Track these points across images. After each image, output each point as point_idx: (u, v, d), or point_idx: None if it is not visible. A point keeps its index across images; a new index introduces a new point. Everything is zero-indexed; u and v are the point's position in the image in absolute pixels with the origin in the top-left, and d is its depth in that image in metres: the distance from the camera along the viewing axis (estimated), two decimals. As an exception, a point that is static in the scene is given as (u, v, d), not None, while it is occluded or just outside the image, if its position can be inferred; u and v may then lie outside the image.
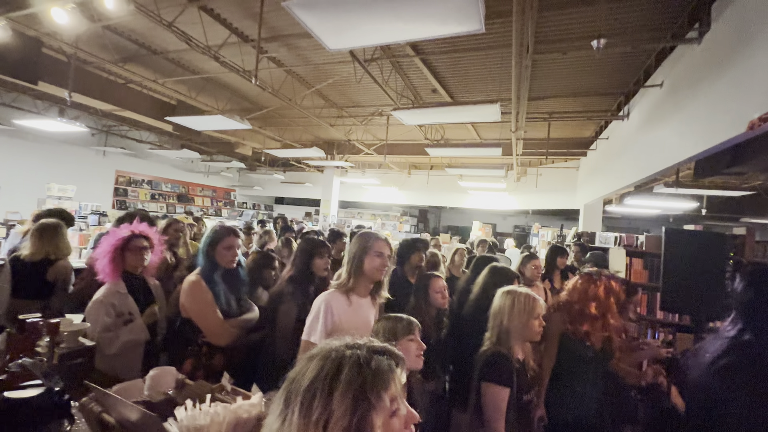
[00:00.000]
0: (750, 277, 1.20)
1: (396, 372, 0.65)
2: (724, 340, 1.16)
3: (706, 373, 1.15)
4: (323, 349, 0.66)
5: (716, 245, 1.91)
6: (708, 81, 3.01)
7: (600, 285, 1.85)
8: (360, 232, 1.64)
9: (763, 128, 2.35)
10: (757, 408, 1.04)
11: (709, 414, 1.14)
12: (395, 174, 10.94)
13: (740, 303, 1.19)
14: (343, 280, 1.53)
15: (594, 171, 6.93)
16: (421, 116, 4.04)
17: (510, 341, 1.49)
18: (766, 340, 1.10)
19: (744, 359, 1.10)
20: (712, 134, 2.87)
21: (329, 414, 0.58)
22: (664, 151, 3.76)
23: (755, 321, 1.13)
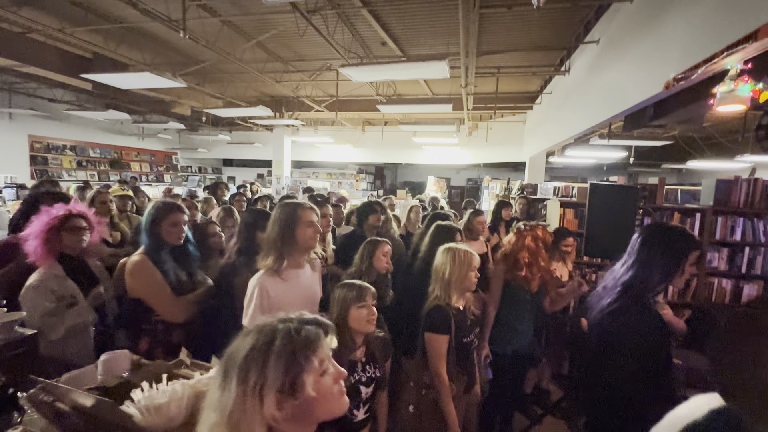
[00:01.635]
0: (644, 233, 1.43)
1: (324, 338, 0.73)
2: (617, 284, 1.39)
3: (601, 313, 1.39)
4: (257, 326, 0.73)
5: (629, 196, 2.18)
6: (636, 40, 3.18)
7: (529, 235, 2.10)
8: (283, 203, 1.58)
9: (677, 88, 2.59)
10: (642, 348, 1.30)
11: (603, 345, 1.39)
12: (349, 131, 10.68)
13: (632, 253, 1.41)
14: (270, 263, 1.48)
15: (539, 124, 7.26)
16: (371, 73, 3.92)
17: (450, 293, 1.66)
18: (649, 287, 1.34)
19: (631, 305, 1.34)
20: (637, 92, 3.10)
21: (264, 379, 0.65)
22: (599, 106, 4.01)
23: (644, 272, 1.36)
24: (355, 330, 1.42)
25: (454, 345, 1.60)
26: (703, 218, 3.04)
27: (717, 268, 3.08)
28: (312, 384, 0.69)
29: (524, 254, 2.12)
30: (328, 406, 0.72)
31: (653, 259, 1.35)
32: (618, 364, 1.34)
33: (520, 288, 2.21)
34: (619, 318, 1.33)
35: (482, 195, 10.03)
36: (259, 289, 1.45)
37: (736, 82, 1.85)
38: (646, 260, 1.36)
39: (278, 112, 8.50)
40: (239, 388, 0.65)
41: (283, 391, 0.66)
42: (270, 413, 0.65)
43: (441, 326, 1.59)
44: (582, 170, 13.50)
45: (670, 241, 1.37)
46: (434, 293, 1.70)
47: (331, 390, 0.72)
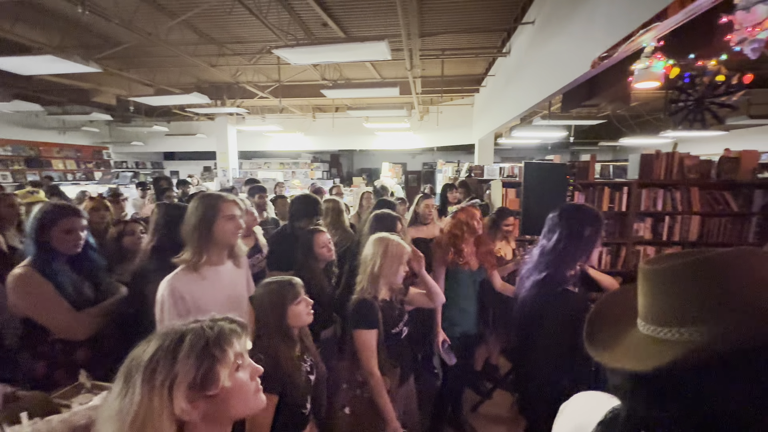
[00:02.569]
0: (561, 213, 1.47)
1: (239, 334, 0.72)
2: (539, 263, 1.43)
3: (528, 291, 1.42)
4: (163, 329, 0.69)
5: (558, 174, 2.25)
6: (566, 20, 3.25)
7: (463, 217, 2.11)
8: (201, 195, 1.47)
9: (602, 66, 2.68)
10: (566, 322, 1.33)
11: (530, 322, 1.43)
12: (299, 119, 10.29)
13: (551, 232, 1.45)
14: (188, 256, 1.37)
15: (485, 107, 7.40)
16: (308, 55, 3.71)
17: (378, 287, 1.60)
18: (571, 261, 1.39)
19: (554, 283, 1.38)
20: (568, 71, 3.19)
21: (174, 375, 0.62)
22: (537, 86, 4.12)
23: (564, 250, 1.40)
24: (294, 326, 1.36)
25: (383, 338, 1.55)
26: (630, 191, 3.24)
27: (642, 236, 3.32)
28: (227, 377, 0.66)
29: (461, 236, 2.15)
30: (244, 402, 0.69)
31: (576, 235, 1.39)
32: (545, 340, 1.37)
33: (460, 270, 2.23)
34: (545, 295, 1.36)
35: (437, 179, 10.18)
36: (170, 290, 1.31)
37: (650, 59, 1.93)
38: (569, 236, 1.40)
39: (218, 99, 7.95)
40: (145, 387, 0.61)
41: (195, 386, 0.63)
42: (180, 408, 0.61)
43: (369, 321, 1.54)
44: (529, 150, 14.11)
45: (586, 219, 1.43)
46: (361, 286, 1.63)
47: (246, 385, 0.70)
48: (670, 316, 0.48)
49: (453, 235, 2.19)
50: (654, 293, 0.50)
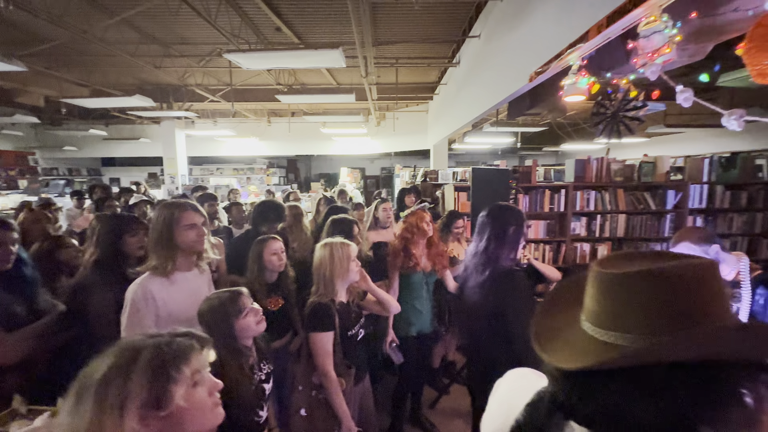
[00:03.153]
0: (489, 213, 1.63)
1: (198, 350, 0.71)
2: (478, 262, 1.57)
3: (472, 290, 1.55)
4: (120, 344, 0.68)
5: (503, 178, 2.44)
6: (507, 36, 3.52)
7: (413, 220, 2.22)
8: (163, 203, 1.47)
9: (538, 80, 2.94)
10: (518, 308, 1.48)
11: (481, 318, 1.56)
12: (253, 123, 10.00)
13: (482, 232, 1.61)
14: (155, 263, 1.37)
15: (439, 114, 7.70)
16: (262, 61, 3.67)
17: (334, 289, 1.65)
18: (504, 256, 1.53)
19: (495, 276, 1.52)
20: (510, 83, 3.46)
21: (126, 394, 0.61)
22: (484, 96, 4.39)
23: (496, 243, 1.55)
24: (246, 337, 1.35)
25: (339, 340, 1.60)
26: (567, 193, 3.56)
27: (579, 234, 3.65)
28: (182, 395, 0.65)
29: (411, 239, 2.26)
30: (201, 419, 0.69)
31: (502, 232, 1.56)
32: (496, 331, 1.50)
33: (413, 272, 2.34)
34: (490, 289, 1.49)
35: (395, 183, 10.37)
36: (143, 292, 1.30)
37: (577, 75, 2.16)
38: (497, 235, 1.57)
39: (164, 102, 7.53)
40: (95, 407, 0.59)
41: (148, 405, 0.62)
42: (132, 429, 0.60)
43: (324, 324, 1.58)
44: (481, 155, 14.81)
45: (511, 215, 1.61)
46: (317, 290, 1.67)
47: (204, 402, 0.69)
48: (617, 321, 0.49)
49: (404, 239, 2.28)
50: (604, 297, 0.51)
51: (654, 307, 0.46)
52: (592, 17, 2.04)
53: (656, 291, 0.46)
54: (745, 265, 1.67)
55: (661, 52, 1.53)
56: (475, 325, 1.65)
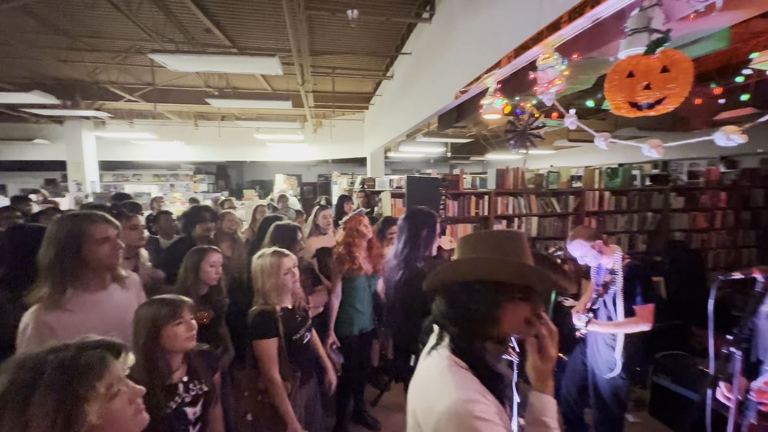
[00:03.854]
0: (405, 218, 1.87)
1: (111, 361, 0.67)
2: (399, 262, 1.79)
3: (395, 288, 1.76)
4: (17, 359, 0.61)
5: (433, 185, 2.69)
6: (435, 55, 3.86)
7: (352, 224, 2.37)
8: (63, 217, 1.28)
9: (462, 98, 3.28)
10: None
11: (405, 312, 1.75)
12: (179, 126, 9.32)
13: (401, 235, 1.84)
14: (45, 292, 1.19)
15: (375, 123, 7.98)
16: (192, 63, 3.52)
17: (270, 300, 1.69)
18: (419, 256, 1.77)
19: (414, 274, 1.74)
20: (439, 100, 3.79)
21: (26, 421, 0.55)
22: (416, 109, 4.71)
23: (411, 245, 1.79)
24: (171, 350, 1.27)
25: (284, 345, 1.65)
26: (490, 199, 3.99)
27: (500, 235, 4.10)
28: (97, 412, 0.61)
29: (347, 246, 2.39)
30: (120, 430, 0.67)
31: (418, 233, 1.80)
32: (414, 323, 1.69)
33: (356, 275, 2.46)
34: (412, 285, 1.70)
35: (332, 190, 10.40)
36: (36, 325, 1.15)
37: (493, 96, 2.50)
38: (412, 237, 1.81)
39: (69, 100, 6.70)
40: None
41: (56, 427, 0.57)
42: None
43: (267, 331, 1.61)
44: (416, 163, 15.53)
45: (424, 219, 1.87)
46: (257, 300, 1.71)
47: (123, 413, 0.66)
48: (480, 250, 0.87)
49: (347, 243, 2.40)
50: (467, 246, 0.90)
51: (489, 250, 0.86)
52: (503, 49, 2.39)
53: (491, 242, 0.87)
54: (619, 256, 2.09)
55: (554, 83, 1.87)
56: (398, 318, 1.85)
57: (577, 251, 2.18)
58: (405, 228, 1.88)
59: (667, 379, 2.78)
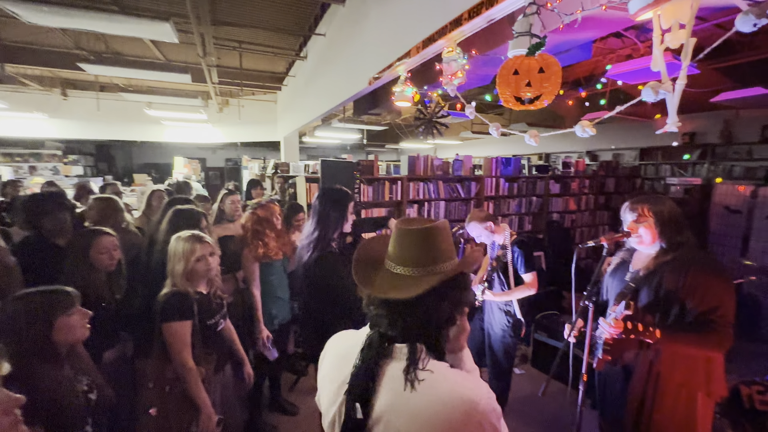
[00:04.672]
0: (320, 193, 1.90)
1: None
2: (310, 241, 1.81)
3: (305, 267, 1.79)
4: None
5: (348, 170, 2.72)
6: (349, 39, 3.84)
7: (262, 214, 2.30)
8: None
9: (375, 84, 3.35)
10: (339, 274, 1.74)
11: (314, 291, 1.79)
12: (40, 95, 7.62)
13: (314, 214, 1.87)
14: None
15: (288, 105, 7.63)
16: (54, 17, 2.88)
17: (183, 284, 1.59)
18: (329, 236, 1.82)
19: (324, 253, 1.78)
20: (353, 85, 3.79)
21: None
22: (331, 94, 4.64)
23: (321, 225, 1.83)
24: (63, 343, 1.18)
25: (199, 329, 1.56)
26: (402, 184, 4.18)
27: (412, 219, 4.34)
28: None
29: (256, 234, 2.30)
30: None
31: (327, 213, 1.84)
32: (329, 301, 1.74)
33: (273, 261, 2.39)
34: (323, 266, 1.74)
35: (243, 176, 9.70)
36: None
37: (404, 85, 2.60)
38: (323, 216, 1.84)
39: None
40: None
41: None
42: None
43: (181, 312, 1.52)
44: (332, 149, 15.35)
45: (334, 198, 1.90)
46: (170, 282, 1.59)
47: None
48: (420, 260, 0.79)
49: (256, 231, 2.30)
50: (408, 245, 0.80)
51: (424, 250, 0.79)
52: (413, 39, 2.50)
53: (425, 241, 0.79)
54: (508, 233, 2.41)
55: (456, 76, 2.04)
56: (308, 297, 1.88)
57: (474, 231, 2.46)
58: (316, 207, 1.87)
59: (544, 335, 3.32)
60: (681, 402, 1.52)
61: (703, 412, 1.53)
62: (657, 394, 1.55)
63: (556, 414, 2.71)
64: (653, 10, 1.07)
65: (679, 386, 1.53)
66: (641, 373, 1.61)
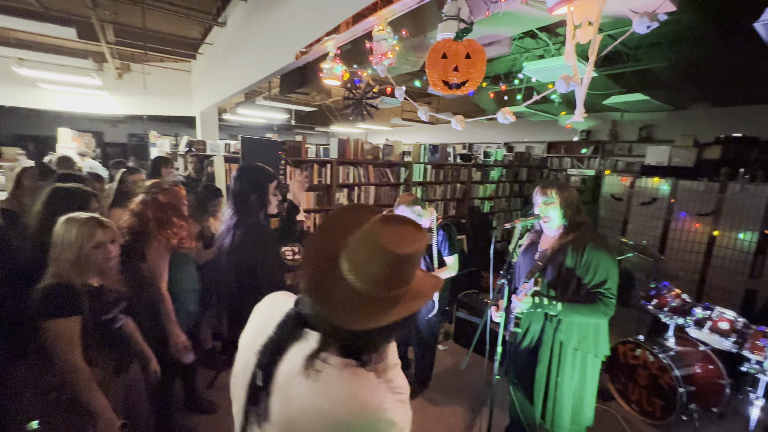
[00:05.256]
0: (237, 173, 1.76)
1: None
2: (230, 226, 1.68)
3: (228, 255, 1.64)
4: None
5: (273, 149, 2.54)
6: (275, 9, 3.55)
7: (169, 200, 1.99)
8: None
9: (303, 59, 3.15)
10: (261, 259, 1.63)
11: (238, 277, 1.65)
12: None
13: (232, 194, 1.73)
14: None
15: (205, 77, 6.88)
16: None
17: (68, 274, 1.34)
18: (246, 220, 1.70)
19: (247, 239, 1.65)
20: (279, 58, 3.52)
21: None
22: (253, 67, 4.26)
23: (240, 208, 1.70)
24: None
25: (92, 326, 1.33)
26: (332, 167, 4.07)
27: (342, 203, 4.27)
28: None
29: (160, 223, 1.95)
30: None
31: (246, 195, 1.71)
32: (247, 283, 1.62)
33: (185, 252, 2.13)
34: (244, 251, 1.60)
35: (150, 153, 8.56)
36: None
37: (333, 62, 2.48)
38: (241, 198, 1.70)
39: None
40: None
41: None
42: None
43: (66, 307, 1.29)
44: (258, 129, 14.37)
45: (253, 177, 1.76)
46: (52, 271, 1.33)
47: None
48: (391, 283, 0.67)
49: (160, 220, 1.95)
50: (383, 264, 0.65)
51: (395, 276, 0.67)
52: (343, 14, 2.38)
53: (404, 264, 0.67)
54: (434, 217, 2.49)
55: (387, 56, 1.99)
56: (231, 286, 1.73)
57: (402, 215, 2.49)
58: (233, 189, 1.70)
59: (465, 312, 3.56)
60: (577, 364, 1.74)
61: (593, 371, 1.77)
62: (559, 359, 1.76)
63: (476, 384, 2.94)
64: (567, 6, 1.14)
65: (574, 351, 1.74)
66: (545, 342, 1.80)
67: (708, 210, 4.04)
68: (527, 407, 1.96)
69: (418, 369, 2.83)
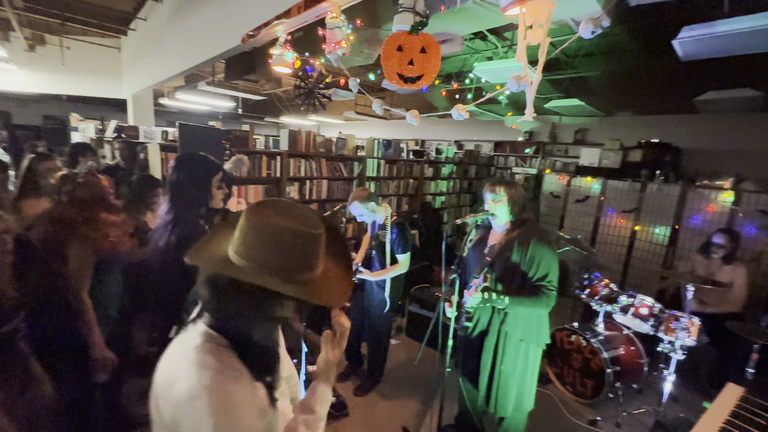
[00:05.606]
0: (174, 162, 1.59)
1: None
2: (166, 224, 1.51)
3: (162, 254, 1.48)
4: None
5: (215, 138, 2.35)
6: (218, -14, 3.28)
7: (87, 194, 1.76)
8: None
9: (250, 43, 2.96)
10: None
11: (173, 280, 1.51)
12: None
13: (168, 186, 1.56)
14: None
15: (138, 56, 6.23)
16: None
17: None
18: (189, 217, 1.54)
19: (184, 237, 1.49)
20: (224, 40, 3.28)
21: None
22: (194, 48, 3.93)
23: (178, 203, 1.54)
24: None
25: None
26: (282, 160, 3.89)
27: (293, 197, 4.11)
28: None
29: (87, 222, 1.74)
30: None
31: (184, 188, 1.53)
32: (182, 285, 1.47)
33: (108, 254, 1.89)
34: (180, 250, 1.44)
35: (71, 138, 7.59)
36: None
37: (283, 48, 2.35)
38: (179, 191, 1.53)
39: None
40: None
41: None
42: None
43: None
44: (200, 117, 13.37)
45: (192, 168, 1.57)
46: None
47: None
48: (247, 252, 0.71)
49: (86, 220, 1.72)
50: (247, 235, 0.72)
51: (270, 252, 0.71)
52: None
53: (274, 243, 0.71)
54: (389, 213, 2.47)
55: (340, 46, 1.92)
56: (165, 281, 1.56)
57: (356, 210, 2.44)
58: (170, 180, 1.53)
59: (417, 306, 3.62)
60: (520, 354, 1.83)
61: (534, 359, 1.88)
62: (504, 349, 1.83)
63: (428, 377, 3.00)
64: (519, 7, 1.16)
65: (518, 341, 1.83)
66: (492, 333, 1.87)
67: (631, 207, 4.49)
68: (474, 395, 2.03)
69: (371, 364, 2.82)
